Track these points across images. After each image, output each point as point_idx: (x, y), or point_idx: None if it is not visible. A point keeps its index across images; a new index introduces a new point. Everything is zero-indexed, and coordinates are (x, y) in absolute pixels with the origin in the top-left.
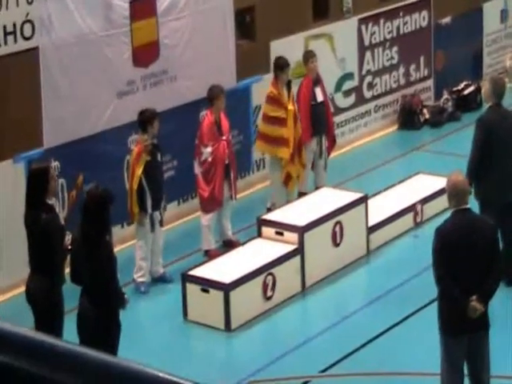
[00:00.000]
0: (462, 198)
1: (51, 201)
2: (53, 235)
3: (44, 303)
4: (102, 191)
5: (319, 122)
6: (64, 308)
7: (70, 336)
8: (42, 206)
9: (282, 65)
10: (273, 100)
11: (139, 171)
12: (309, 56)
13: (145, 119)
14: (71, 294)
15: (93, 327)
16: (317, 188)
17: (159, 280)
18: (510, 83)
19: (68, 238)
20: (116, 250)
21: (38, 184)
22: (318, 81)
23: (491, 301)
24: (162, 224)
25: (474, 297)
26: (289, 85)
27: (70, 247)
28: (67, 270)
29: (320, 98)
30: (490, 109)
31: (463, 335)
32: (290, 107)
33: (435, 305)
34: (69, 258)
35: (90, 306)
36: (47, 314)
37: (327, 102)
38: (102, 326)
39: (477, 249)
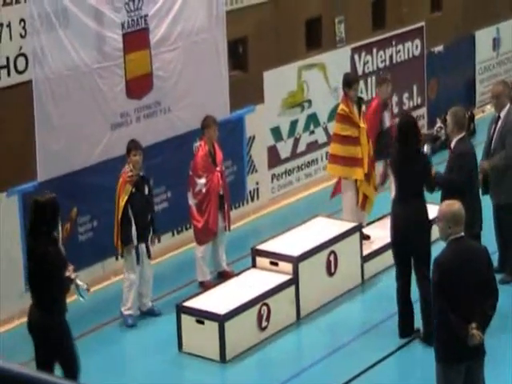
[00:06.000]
0: (460, 226)
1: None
2: (57, 268)
3: (46, 335)
4: (409, 116)
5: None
6: (71, 336)
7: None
8: (49, 238)
9: (349, 81)
10: (344, 118)
11: (122, 202)
12: (382, 80)
13: (126, 149)
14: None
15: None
16: None
17: (147, 314)
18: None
19: (69, 268)
20: (109, 282)
21: (47, 216)
22: (386, 105)
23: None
24: (149, 256)
25: (474, 324)
26: (359, 102)
27: (72, 276)
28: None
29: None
30: (461, 141)
31: (463, 363)
32: (362, 125)
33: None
34: None
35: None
36: (49, 345)
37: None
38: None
39: (476, 276)
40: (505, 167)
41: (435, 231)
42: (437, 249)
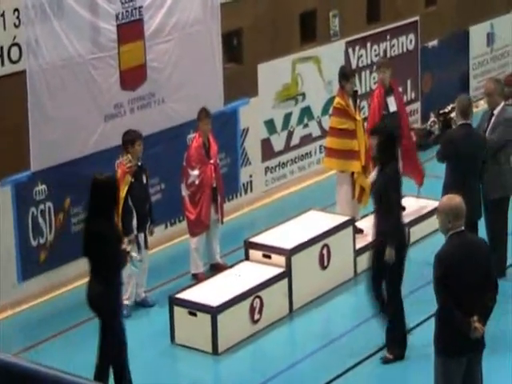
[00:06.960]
0: (460, 220)
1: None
2: (113, 244)
3: (104, 307)
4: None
5: None
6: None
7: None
8: (106, 215)
9: (346, 74)
10: (341, 112)
11: (123, 194)
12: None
13: (125, 140)
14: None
15: None
16: None
17: (140, 304)
18: None
19: (124, 240)
20: None
21: (110, 193)
22: (390, 90)
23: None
24: (147, 246)
25: (475, 317)
26: (355, 95)
27: (128, 249)
28: None
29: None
30: (458, 127)
31: (464, 356)
32: (358, 118)
33: (423, 327)
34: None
35: None
36: (108, 316)
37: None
38: None
39: (477, 270)
40: (496, 148)
41: (434, 224)
42: (435, 241)
